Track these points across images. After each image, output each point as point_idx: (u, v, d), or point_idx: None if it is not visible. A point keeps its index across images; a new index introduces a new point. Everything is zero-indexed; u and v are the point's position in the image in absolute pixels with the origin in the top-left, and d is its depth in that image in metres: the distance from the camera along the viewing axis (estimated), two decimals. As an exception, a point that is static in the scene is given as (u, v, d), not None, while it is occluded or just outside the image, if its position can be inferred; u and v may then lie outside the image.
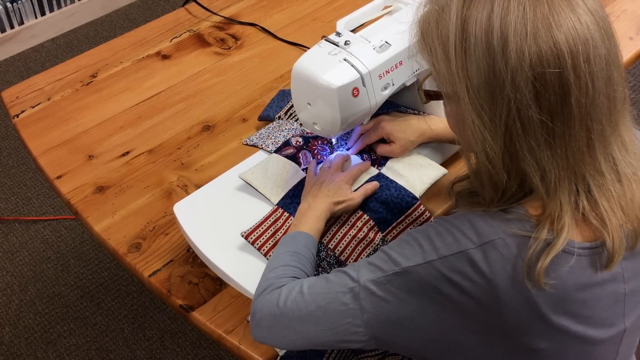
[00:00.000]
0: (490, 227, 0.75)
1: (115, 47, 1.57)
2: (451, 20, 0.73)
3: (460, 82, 0.73)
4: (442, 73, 0.76)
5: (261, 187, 1.12)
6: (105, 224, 1.18)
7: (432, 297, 0.75)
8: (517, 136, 0.72)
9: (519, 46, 0.69)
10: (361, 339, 0.80)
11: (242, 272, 1.03)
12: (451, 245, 0.75)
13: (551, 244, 0.73)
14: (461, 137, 0.82)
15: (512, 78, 0.70)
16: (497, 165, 0.75)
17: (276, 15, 1.65)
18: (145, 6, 3.11)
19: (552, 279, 0.72)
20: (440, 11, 0.75)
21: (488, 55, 0.70)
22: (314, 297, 0.83)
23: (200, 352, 1.84)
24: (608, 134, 0.74)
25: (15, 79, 2.70)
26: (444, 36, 0.74)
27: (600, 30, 0.71)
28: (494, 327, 0.74)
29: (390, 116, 1.17)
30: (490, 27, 0.70)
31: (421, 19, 0.79)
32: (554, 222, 0.74)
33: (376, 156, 1.16)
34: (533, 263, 0.72)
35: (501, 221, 0.75)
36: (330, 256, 1.02)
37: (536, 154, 0.72)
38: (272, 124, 1.28)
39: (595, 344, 0.78)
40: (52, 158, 1.31)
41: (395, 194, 1.08)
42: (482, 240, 0.74)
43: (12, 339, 1.89)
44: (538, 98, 0.70)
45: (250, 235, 1.05)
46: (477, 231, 0.75)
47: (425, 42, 0.78)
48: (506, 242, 0.74)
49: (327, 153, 1.16)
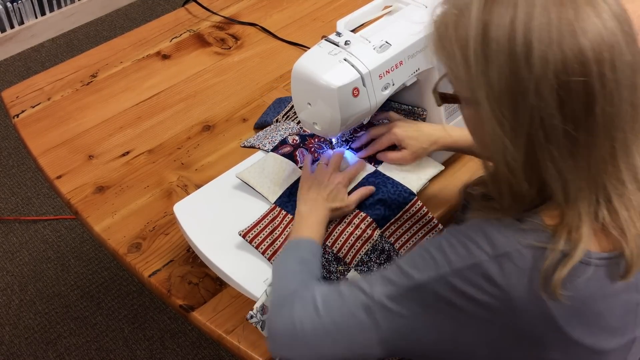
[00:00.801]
0: (505, 238, 0.73)
1: (115, 47, 1.57)
2: (471, 24, 0.70)
3: (480, 88, 0.71)
4: (461, 77, 0.74)
5: (258, 185, 1.12)
6: (106, 224, 1.18)
7: (446, 311, 0.74)
8: (539, 145, 0.70)
9: (543, 53, 0.66)
10: (377, 353, 0.80)
11: (242, 272, 1.03)
12: (465, 258, 0.74)
13: (568, 255, 0.71)
14: (479, 142, 0.81)
15: (535, 86, 0.67)
16: (518, 173, 0.73)
17: (276, 15, 1.65)
18: (145, 6, 3.11)
19: (568, 290, 0.71)
20: (459, 14, 0.72)
21: (511, 62, 0.68)
22: (329, 313, 0.82)
23: (200, 352, 1.84)
24: (630, 142, 0.72)
25: (15, 79, 2.70)
26: (463, 40, 0.71)
27: (625, 35, 0.69)
28: (508, 338, 0.74)
29: (403, 121, 1.15)
30: (513, 32, 0.68)
31: (438, 20, 0.76)
32: (571, 232, 0.72)
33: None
34: (549, 275, 0.70)
35: (516, 231, 0.74)
36: (329, 253, 1.02)
37: (558, 163, 0.70)
38: (270, 126, 1.28)
39: (605, 353, 0.77)
40: (52, 158, 1.31)
41: (392, 191, 1.08)
42: (497, 251, 0.73)
43: (12, 338, 1.89)
44: (562, 107, 0.68)
45: (248, 233, 1.05)
46: (491, 242, 0.73)
47: (443, 45, 0.75)
48: (522, 253, 0.72)
49: (325, 151, 1.16)
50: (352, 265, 1.02)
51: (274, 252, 1.03)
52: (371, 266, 1.03)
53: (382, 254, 1.04)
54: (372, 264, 1.03)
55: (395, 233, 1.07)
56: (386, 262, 1.04)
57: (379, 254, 1.04)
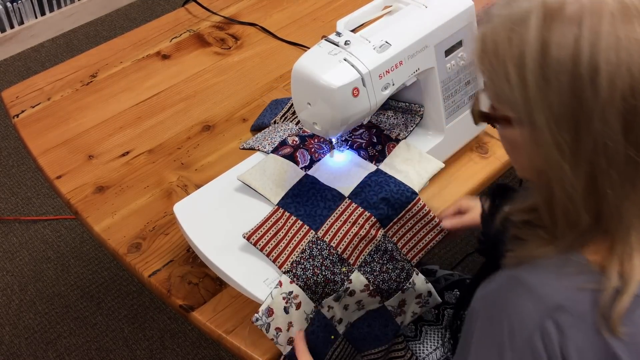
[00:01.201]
0: (553, 289, 0.69)
1: (115, 47, 1.57)
2: (528, 42, 0.66)
3: (538, 110, 0.66)
4: (514, 98, 0.68)
5: (260, 188, 1.12)
6: (105, 224, 1.18)
7: None
8: (601, 171, 0.66)
9: (611, 75, 0.62)
10: None
11: (242, 272, 1.03)
12: (515, 332, 0.68)
13: (622, 289, 0.67)
14: (528, 167, 0.76)
15: (601, 110, 0.63)
16: (577, 201, 0.68)
17: (276, 15, 1.65)
18: (145, 6, 3.11)
19: (628, 326, 0.67)
20: (512, 29, 0.67)
21: (574, 84, 0.64)
22: None
23: (200, 352, 1.84)
24: None
25: (15, 79, 2.70)
26: (519, 58, 0.67)
27: None
28: None
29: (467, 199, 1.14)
30: (577, 53, 0.63)
31: (487, 36, 0.71)
32: (623, 265, 0.68)
33: (374, 152, 1.16)
34: (607, 314, 0.67)
35: (562, 277, 0.69)
36: (333, 254, 1.02)
37: (617, 190, 0.67)
38: (269, 128, 1.27)
39: None
40: (52, 158, 1.31)
41: (395, 189, 1.09)
42: (548, 306, 0.68)
43: (12, 338, 1.89)
44: (627, 132, 0.64)
45: (252, 236, 1.05)
46: (539, 298, 0.68)
47: (492, 62, 0.70)
48: (574, 300, 0.68)
49: (325, 151, 1.16)
50: (355, 266, 1.02)
51: (278, 254, 1.03)
52: (374, 267, 1.03)
53: (385, 254, 1.04)
54: (375, 265, 1.03)
55: (398, 232, 1.07)
56: (389, 262, 1.04)
57: (382, 254, 1.04)
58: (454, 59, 1.16)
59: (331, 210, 1.07)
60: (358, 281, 1.01)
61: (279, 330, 0.97)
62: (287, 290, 0.98)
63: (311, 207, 1.08)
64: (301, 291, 0.99)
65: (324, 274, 1.00)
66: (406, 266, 1.05)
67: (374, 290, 1.02)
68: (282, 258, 1.02)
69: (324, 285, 0.99)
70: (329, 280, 1.00)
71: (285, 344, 0.98)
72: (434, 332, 1.18)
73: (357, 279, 1.01)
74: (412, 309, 1.08)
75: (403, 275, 1.04)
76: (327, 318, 1.01)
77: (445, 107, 1.18)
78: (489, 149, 1.26)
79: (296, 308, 0.98)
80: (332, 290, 1.00)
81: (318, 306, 1.00)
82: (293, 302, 0.98)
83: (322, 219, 1.06)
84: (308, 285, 0.99)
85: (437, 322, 1.19)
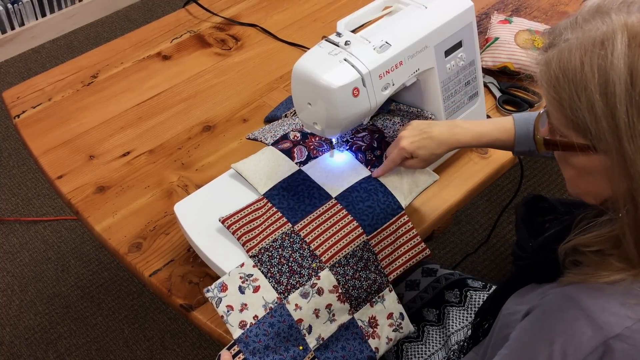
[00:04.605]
0: (615, 317, 0.67)
1: (115, 48, 1.57)
2: (615, 69, 0.63)
3: (627, 140, 0.64)
4: (598, 127, 0.65)
5: (250, 176, 1.12)
6: (106, 224, 1.18)
7: None
8: None
9: None
10: None
11: (243, 271, 1.03)
12: (568, 356, 0.68)
13: None
14: (602, 194, 0.72)
15: None
16: None
17: (276, 16, 1.66)
18: (145, 7, 3.12)
19: None
20: (593, 53, 0.64)
21: None
22: None
23: (200, 352, 1.84)
24: None
25: (16, 80, 2.70)
26: (604, 86, 0.64)
27: None
28: None
29: (409, 130, 1.08)
30: None
31: (559, 59, 0.67)
32: None
33: (372, 157, 1.16)
34: None
35: (626, 307, 0.68)
36: (305, 249, 1.01)
37: None
38: (277, 121, 1.28)
39: None
40: (53, 158, 1.32)
41: (382, 200, 1.08)
42: (608, 334, 0.67)
43: (12, 339, 1.89)
44: None
45: (227, 219, 1.05)
46: (599, 327, 0.67)
47: (571, 89, 0.66)
48: (635, 331, 0.66)
49: (324, 150, 1.16)
50: (327, 264, 1.01)
51: (249, 239, 1.02)
52: (347, 270, 1.01)
53: (360, 261, 1.03)
54: (349, 269, 1.02)
55: (380, 244, 1.05)
56: (362, 271, 1.02)
57: (357, 260, 1.03)
58: (453, 60, 1.16)
59: (315, 208, 1.07)
60: (327, 280, 1.00)
61: (230, 309, 0.96)
62: (247, 272, 0.99)
63: (295, 201, 1.08)
64: (263, 277, 0.98)
65: (289, 265, 0.99)
66: (379, 279, 1.04)
67: (343, 294, 1.00)
68: (252, 243, 1.02)
69: (288, 275, 0.99)
70: (294, 271, 0.99)
71: (236, 326, 0.96)
72: (436, 333, 1.18)
73: (327, 277, 1.00)
74: (386, 333, 1.04)
75: (375, 287, 1.03)
76: (293, 318, 0.97)
77: (445, 107, 1.19)
78: (489, 149, 1.27)
79: (254, 291, 0.98)
80: (297, 282, 0.99)
81: (283, 300, 0.98)
82: (251, 284, 0.98)
83: (303, 215, 1.06)
84: (272, 273, 0.99)
85: (438, 322, 1.20)
